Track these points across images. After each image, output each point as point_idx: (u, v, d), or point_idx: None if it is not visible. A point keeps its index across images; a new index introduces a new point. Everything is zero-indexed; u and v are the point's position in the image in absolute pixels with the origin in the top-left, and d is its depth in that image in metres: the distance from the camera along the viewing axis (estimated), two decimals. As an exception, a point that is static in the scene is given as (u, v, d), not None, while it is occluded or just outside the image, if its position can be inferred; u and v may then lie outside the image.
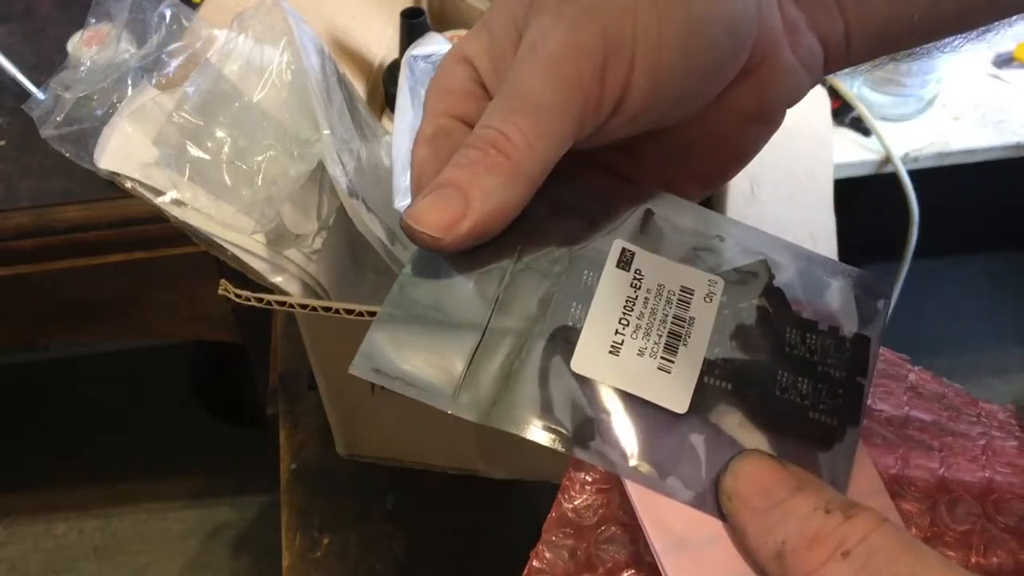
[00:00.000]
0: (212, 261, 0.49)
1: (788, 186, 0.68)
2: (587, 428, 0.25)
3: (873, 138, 0.97)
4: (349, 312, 0.43)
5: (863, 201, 1.17)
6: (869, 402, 0.31)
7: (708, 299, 0.27)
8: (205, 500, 1.40)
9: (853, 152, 0.97)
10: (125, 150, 0.47)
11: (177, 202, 0.47)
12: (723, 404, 0.25)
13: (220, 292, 0.44)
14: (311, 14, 0.52)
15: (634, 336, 0.26)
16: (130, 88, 0.48)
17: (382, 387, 0.28)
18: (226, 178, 0.47)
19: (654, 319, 0.26)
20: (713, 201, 0.75)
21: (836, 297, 0.28)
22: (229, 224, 0.47)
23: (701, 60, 0.27)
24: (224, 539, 1.37)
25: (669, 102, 0.27)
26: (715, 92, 0.28)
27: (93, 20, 0.49)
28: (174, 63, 0.49)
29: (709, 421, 0.25)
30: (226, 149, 0.47)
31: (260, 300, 0.44)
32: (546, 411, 0.25)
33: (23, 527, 1.39)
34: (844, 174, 0.95)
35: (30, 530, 1.39)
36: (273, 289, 0.48)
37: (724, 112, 0.29)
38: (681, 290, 0.27)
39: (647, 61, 0.26)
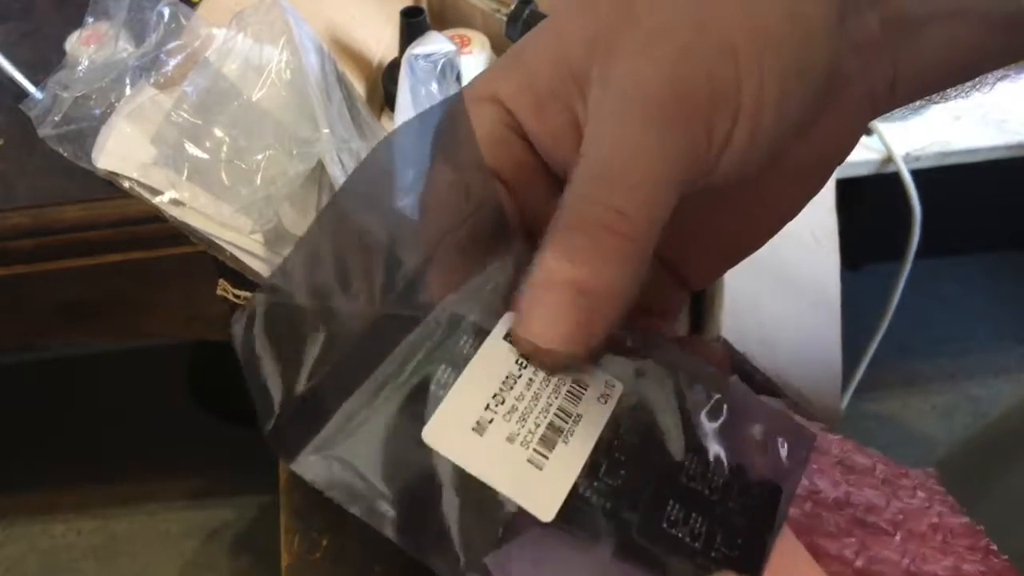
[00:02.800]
0: (211, 261, 0.48)
1: (790, 186, 0.68)
2: (418, 508, 0.21)
3: (874, 137, 0.97)
4: (349, 313, 0.43)
5: (865, 201, 1.17)
6: (806, 482, 0.30)
7: (603, 400, 0.23)
8: (204, 501, 1.40)
9: (854, 152, 0.96)
10: (123, 150, 0.47)
11: (176, 202, 0.46)
12: (596, 524, 0.22)
13: (219, 292, 0.43)
14: (310, 13, 0.52)
15: (507, 418, 0.22)
16: (128, 87, 0.48)
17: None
18: (225, 178, 0.47)
19: (535, 405, 0.23)
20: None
21: (757, 437, 0.24)
22: (228, 224, 0.47)
23: (793, 117, 0.23)
24: (223, 540, 1.37)
25: (755, 164, 0.23)
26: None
27: (91, 19, 0.49)
28: (172, 62, 0.49)
29: (567, 541, 0.22)
30: (225, 148, 0.47)
31: (259, 300, 0.43)
32: (376, 474, 0.22)
33: (21, 527, 1.39)
34: (845, 174, 0.95)
35: (28, 530, 1.38)
36: (272, 289, 0.48)
37: (777, 171, 0.25)
38: (574, 382, 0.23)
39: (749, 115, 0.22)
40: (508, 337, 0.23)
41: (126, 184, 0.47)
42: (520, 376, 0.23)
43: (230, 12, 0.50)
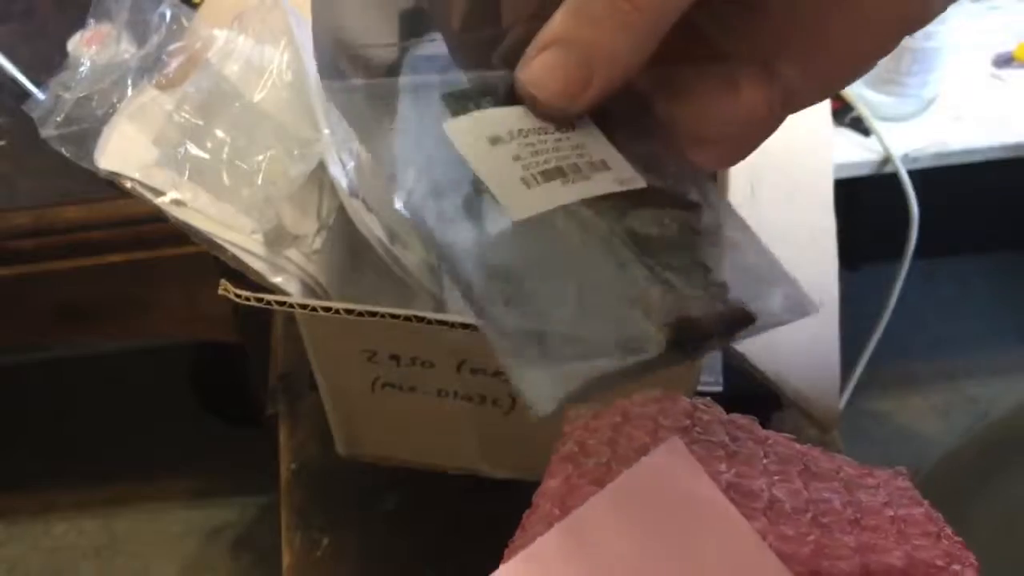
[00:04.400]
0: (212, 261, 0.49)
1: (788, 186, 0.68)
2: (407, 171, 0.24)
3: (873, 138, 0.97)
4: (349, 312, 0.43)
5: (863, 201, 1.17)
6: (765, 493, 0.31)
7: (619, 182, 0.25)
8: (205, 500, 1.40)
9: (853, 152, 0.97)
10: (125, 150, 0.47)
11: (177, 202, 0.47)
12: (558, 245, 0.24)
13: (220, 292, 0.44)
14: (310, 13, 0.52)
15: (522, 147, 0.24)
16: (130, 88, 0.48)
17: (382, 385, 0.27)
18: (226, 178, 0.47)
19: (554, 152, 0.24)
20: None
21: (751, 277, 0.25)
22: (229, 224, 0.47)
23: None
24: (224, 539, 1.37)
25: None
26: None
27: (93, 20, 0.49)
28: (174, 63, 0.49)
29: (525, 247, 0.24)
30: (226, 149, 0.47)
31: (260, 300, 0.44)
32: (390, 134, 0.25)
33: (23, 527, 1.39)
34: (844, 174, 0.95)
35: (30, 530, 1.39)
36: (273, 289, 0.48)
37: None
38: (600, 161, 0.25)
39: None
40: None
41: (128, 184, 0.47)
42: (553, 134, 0.25)
43: (231, 14, 0.50)
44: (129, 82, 0.48)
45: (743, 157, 0.26)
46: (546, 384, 0.22)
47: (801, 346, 0.57)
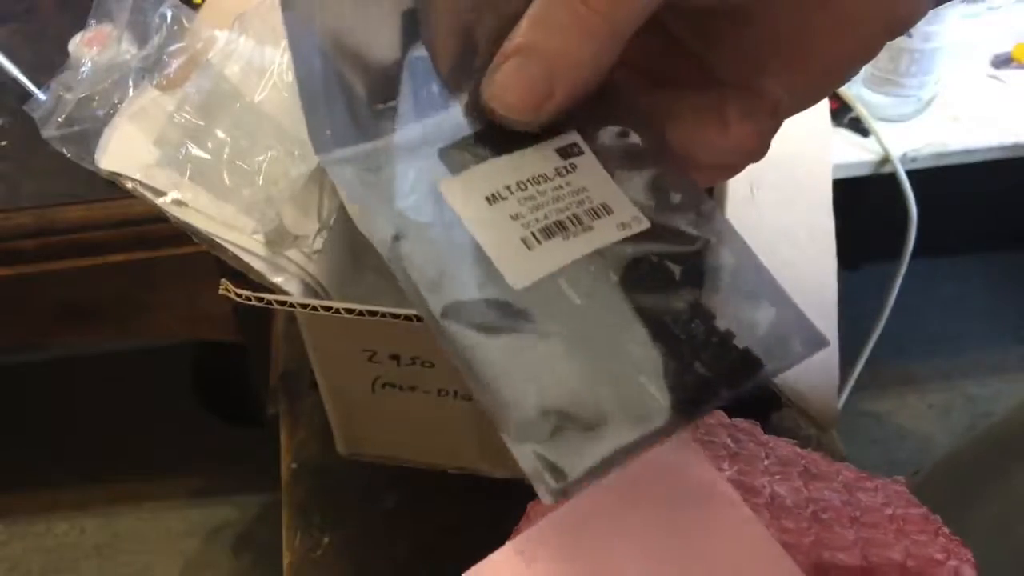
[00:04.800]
0: (213, 261, 0.49)
1: (787, 187, 0.68)
2: (406, 237, 0.23)
3: (872, 138, 0.98)
4: (349, 312, 0.44)
5: (862, 201, 1.18)
6: (767, 489, 0.31)
7: (621, 227, 0.24)
8: (206, 499, 1.40)
9: (852, 153, 0.97)
10: (126, 150, 0.47)
11: (178, 202, 0.47)
12: (561, 311, 0.23)
13: (220, 292, 0.44)
14: (311, 15, 0.52)
15: (521, 202, 0.24)
16: (131, 89, 0.48)
17: (383, 384, 0.27)
18: (227, 178, 0.47)
19: (553, 204, 0.24)
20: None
21: (756, 315, 0.24)
22: (230, 224, 0.47)
23: None
24: (225, 538, 1.37)
25: None
26: None
27: (94, 21, 0.50)
28: (175, 64, 0.49)
29: (531, 319, 0.22)
30: (227, 149, 0.48)
31: (260, 300, 0.44)
32: (387, 202, 0.24)
33: (24, 526, 1.39)
34: (843, 174, 0.95)
35: (31, 529, 1.39)
36: (273, 289, 0.48)
37: None
38: (601, 205, 0.24)
39: None
40: (560, 150, 0.25)
41: (129, 185, 0.47)
42: (552, 180, 0.24)
43: (232, 14, 0.50)
44: (130, 82, 0.48)
45: (735, 175, 0.27)
46: (554, 467, 0.21)
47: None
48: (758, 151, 0.25)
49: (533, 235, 0.23)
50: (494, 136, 0.25)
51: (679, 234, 0.25)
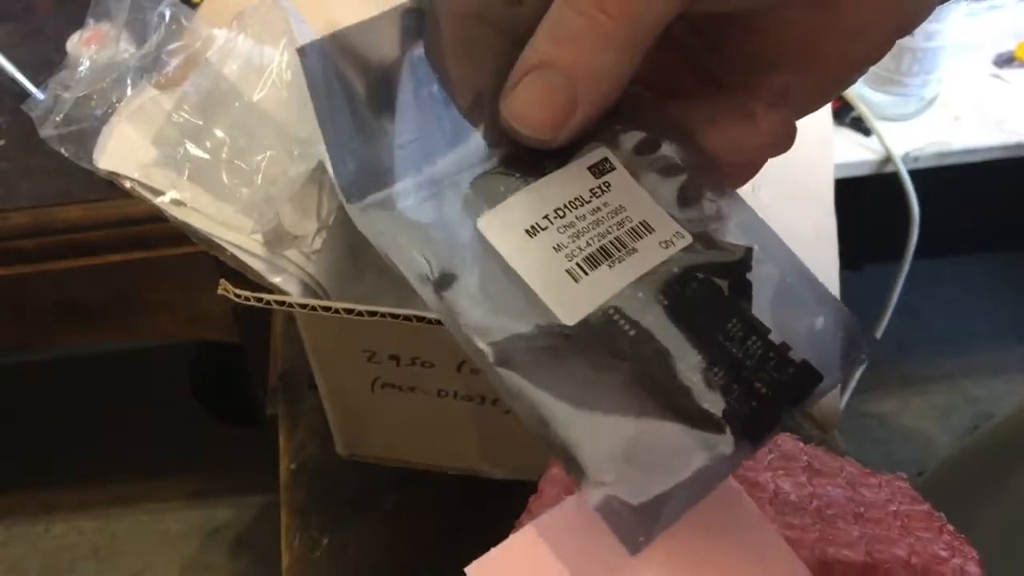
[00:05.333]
0: (211, 261, 0.48)
1: (789, 186, 0.68)
2: (450, 281, 0.22)
3: (874, 138, 0.97)
4: (348, 312, 0.43)
5: (864, 201, 1.18)
6: (771, 484, 0.31)
7: (664, 245, 0.24)
8: (204, 500, 1.40)
9: (854, 152, 0.97)
10: (124, 150, 0.47)
11: (176, 202, 0.47)
12: (616, 344, 0.22)
13: (220, 292, 0.43)
14: (311, 13, 0.52)
15: (561, 231, 0.23)
16: (129, 88, 0.48)
17: (382, 385, 0.27)
18: (225, 178, 0.47)
19: (594, 229, 0.23)
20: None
21: (808, 323, 0.24)
22: (229, 224, 0.47)
23: None
24: (223, 539, 1.37)
25: None
26: None
27: (92, 20, 0.49)
28: (173, 63, 0.49)
29: (587, 354, 0.22)
30: (225, 149, 0.47)
31: (260, 300, 0.44)
32: (426, 245, 0.23)
33: (22, 527, 1.39)
34: (844, 174, 0.95)
35: (29, 530, 1.39)
36: (273, 289, 0.48)
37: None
38: (641, 224, 0.24)
39: None
40: (592, 168, 0.24)
41: (127, 184, 0.47)
42: (589, 202, 0.24)
43: (231, 13, 0.50)
44: (128, 82, 0.48)
45: (756, 173, 0.26)
46: (630, 506, 0.21)
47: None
48: (788, 138, 0.25)
49: (578, 266, 0.23)
50: (521, 158, 0.24)
51: (721, 245, 0.24)
